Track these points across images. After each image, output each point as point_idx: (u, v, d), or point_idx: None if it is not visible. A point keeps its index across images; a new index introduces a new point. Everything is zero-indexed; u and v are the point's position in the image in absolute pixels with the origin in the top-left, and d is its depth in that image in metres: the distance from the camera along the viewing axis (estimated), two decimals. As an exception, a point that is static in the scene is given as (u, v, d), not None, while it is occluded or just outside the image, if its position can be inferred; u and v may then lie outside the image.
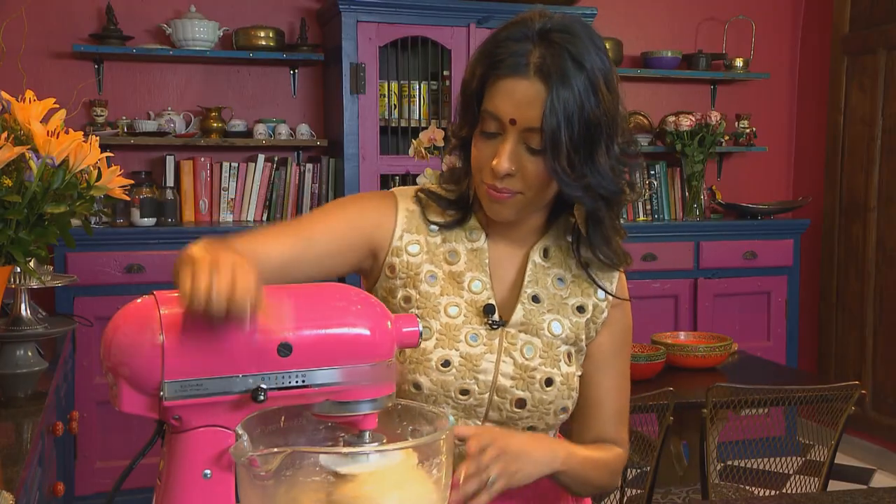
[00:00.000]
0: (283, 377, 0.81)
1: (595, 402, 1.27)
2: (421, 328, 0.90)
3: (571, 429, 1.30)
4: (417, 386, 1.18)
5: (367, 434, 0.85)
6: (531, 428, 1.21)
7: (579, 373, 1.25)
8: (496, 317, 1.20)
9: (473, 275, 1.22)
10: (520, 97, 1.09)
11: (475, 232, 1.24)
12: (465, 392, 1.18)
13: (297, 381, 0.82)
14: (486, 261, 1.23)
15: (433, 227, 1.23)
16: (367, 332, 0.85)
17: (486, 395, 1.19)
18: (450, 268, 1.22)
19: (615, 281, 1.26)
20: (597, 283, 1.25)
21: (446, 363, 1.17)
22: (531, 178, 1.13)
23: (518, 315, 1.21)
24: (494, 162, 1.11)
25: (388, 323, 0.87)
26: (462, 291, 1.21)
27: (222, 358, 0.79)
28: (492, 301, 1.21)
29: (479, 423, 1.21)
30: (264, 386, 0.80)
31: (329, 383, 0.83)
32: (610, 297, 1.26)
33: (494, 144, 1.13)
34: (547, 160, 1.10)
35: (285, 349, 0.80)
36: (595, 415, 1.27)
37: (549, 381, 1.20)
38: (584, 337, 1.25)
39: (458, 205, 1.22)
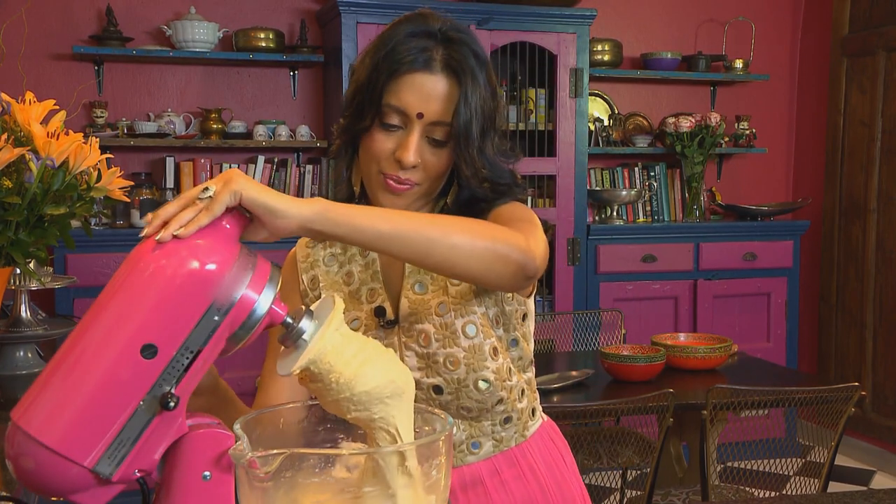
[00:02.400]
0: (171, 369, 0.74)
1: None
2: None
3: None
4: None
5: (304, 316, 0.80)
6: (465, 409, 1.20)
7: (490, 340, 1.20)
8: (389, 316, 1.22)
9: (368, 286, 1.24)
10: (427, 92, 1.13)
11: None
12: None
13: (186, 361, 0.75)
14: (378, 269, 1.25)
15: (327, 260, 1.27)
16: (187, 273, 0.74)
17: None
18: (348, 288, 1.25)
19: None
20: None
21: None
22: (431, 170, 1.16)
23: (404, 308, 1.22)
24: (401, 154, 1.14)
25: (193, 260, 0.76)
26: (361, 305, 1.24)
27: (110, 410, 0.73)
28: (384, 304, 1.22)
29: (418, 418, 1.20)
30: (167, 388, 0.74)
31: (207, 337, 0.75)
32: None
33: (395, 137, 1.15)
34: (457, 153, 1.15)
35: (148, 350, 0.73)
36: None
37: (453, 361, 1.19)
38: (476, 306, 1.20)
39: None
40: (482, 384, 1.20)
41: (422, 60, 1.13)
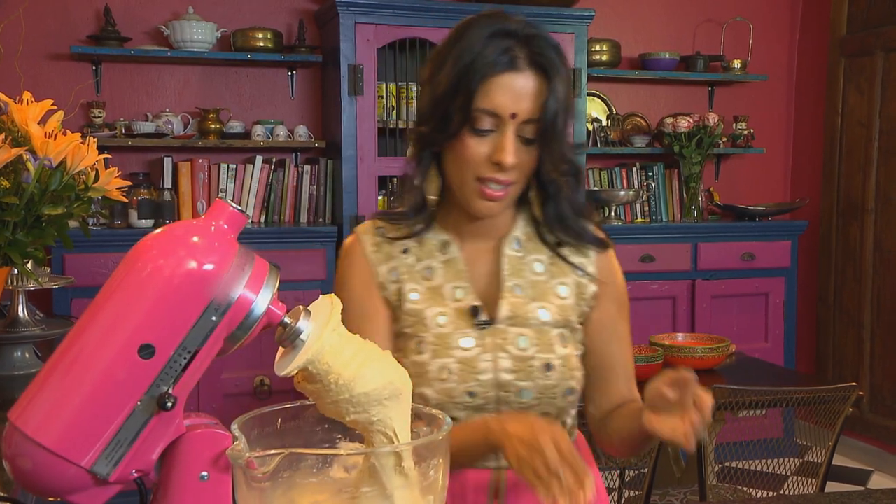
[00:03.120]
0: (169, 369, 0.74)
1: (607, 370, 1.31)
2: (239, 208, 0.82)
3: (590, 399, 1.33)
4: (424, 398, 1.21)
5: (302, 316, 0.80)
6: (545, 414, 1.24)
7: (577, 352, 1.27)
8: (483, 316, 1.23)
9: (453, 284, 1.25)
10: (518, 91, 1.14)
11: (445, 244, 1.26)
12: (471, 394, 1.21)
13: (183, 361, 0.74)
14: (463, 268, 1.25)
15: (404, 251, 1.26)
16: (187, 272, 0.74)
17: (492, 393, 1.22)
18: (428, 284, 1.25)
19: (592, 255, 1.30)
20: (569, 262, 1.28)
21: (445, 371, 1.20)
22: (525, 167, 1.19)
23: (504, 310, 1.23)
24: (500, 156, 1.15)
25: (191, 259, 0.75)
26: (446, 301, 1.24)
27: (107, 410, 0.72)
28: (476, 303, 1.23)
29: None
30: (165, 389, 0.74)
31: (205, 337, 0.74)
32: (592, 273, 1.29)
33: (488, 140, 1.16)
34: (544, 147, 1.17)
35: (146, 350, 0.73)
36: (611, 381, 1.31)
37: (548, 367, 1.22)
38: (574, 318, 1.27)
39: (416, 215, 1.25)
40: (569, 394, 1.25)
41: (507, 60, 1.14)
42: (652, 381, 1.09)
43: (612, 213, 4.03)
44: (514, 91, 1.14)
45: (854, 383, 2.41)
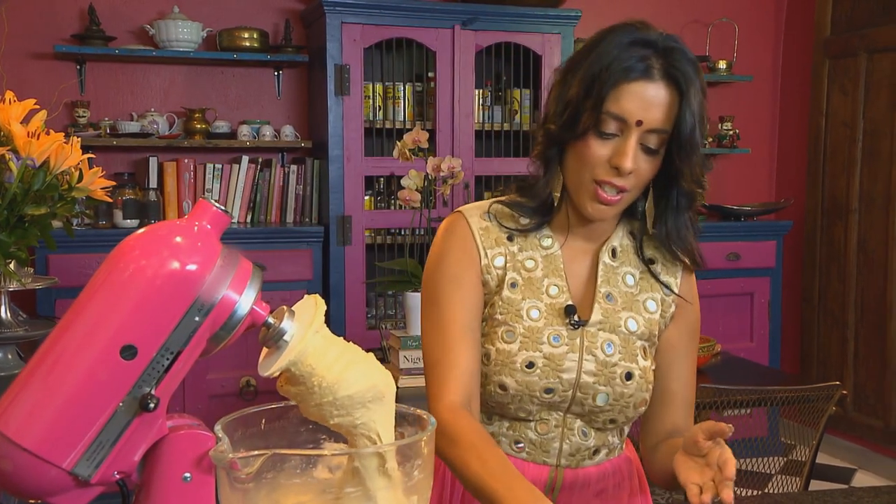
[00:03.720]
0: (151, 370, 0.73)
1: (669, 393, 1.31)
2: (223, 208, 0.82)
3: (646, 422, 1.33)
4: (503, 387, 1.23)
5: (285, 317, 0.80)
6: (612, 421, 1.26)
7: (653, 366, 1.30)
8: (576, 317, 1.25)
9: (550, 280, 1.27)
10: (648, 100, 1.16)
11: (547, 239, 1.28)
12: (549, 391, 1.24)
13: (166, 362, 0.74)
14: (561, 265, 1.28)
15: (509, 238, 1.27)
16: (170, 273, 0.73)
17: (570, 393, 1.24)
18: (528, 274, 1.27)
19: (679, 276, 1.31)
20: (659, 279, 1.30)
21: (530, 364, 1.22)
22: (642, 176, 1.19)
23: (597, 314, 1.26)
24: (619, 161, 1.16)
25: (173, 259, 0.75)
26: (542, 295, 1.26)
27: (89, 411, 0.72)
28: (571, 302, 1.26)
29: (560, 417, 1.26)
30: (147, 390, 0.73)
31: (188, 338, 0.74)
32: (678, 280, 1.31)
33: (611, 144, 1.17)
34: (681, 160, 1.18)
35: (128, 351, 0.72)
36: (669, 406, 1.31)
37: (629, 376, 1.25)
38: (656, 332, 1.30)
39: (539, 212, 1.26)
40: (641, 407, 1.27)
41: (642, 69, 1.16)
42: (698, 424, 1.10)
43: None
44: (644, 99, 1.15)
45: (838, 382, 2.43)
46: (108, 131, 3.52)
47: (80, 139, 1.55)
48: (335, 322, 3.47)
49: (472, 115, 3.67)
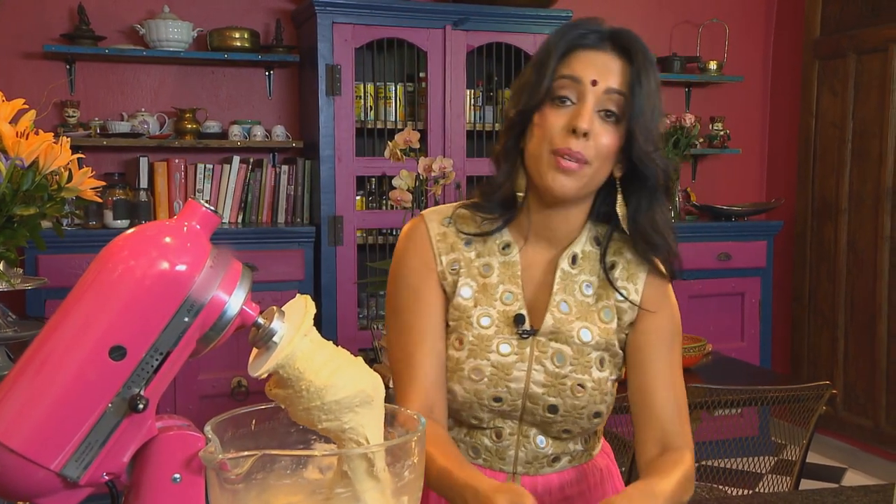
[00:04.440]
0: (141, 370, 0.73)
1: (649, 399, 1.26)
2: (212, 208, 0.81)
3: (635, 431, 1.28)
4: (452, 393, 1.23)
5: (275, 317, 0.79)
6: (566, 431, 1.25)
7: (613, 377, 1.27)
8: (526, 326, 1.23)
9: (505, 287, 1.25)
10: (602, 63, 1.17)
11: (508, 246, 1.27)
12: (497, 399, 1.23)
13: (155, 362, 0.73)
14: (518, 272, 1.26)
15: (466, 243, 1.26)
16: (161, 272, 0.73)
17: (519, 402, 1.23)
18: (484, 280, 1.25)
19: (641, 282, 1.28)
20: (614, 285, 1.27)
21: (478, 372, 1.22)
22: (602, 147, 1.17)
23: (548, 324, 1.24)
24: (575, 121, 1.15)
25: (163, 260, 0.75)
26: (494, 302, 1.24)
27: (78, 412, 0.72)
28: (522, 311, 1.24)
29: (515, 426, 1.25)
30: (136, 390, 0.73)
31: (177, 339, 0.74)
32: (637, 299, 1.27)
33: (568, 112, 1.17)
34: (635, 127, 1.17)
35: (117, 352, 0.72)
36: (652, 410, 1.26)
37: (580, 387, 1.23)
38: (615, 341, 1.26)
39: (500, 209, 1.25)
40: (595, 417, 1.25)
41: (595, 39, 1.18)
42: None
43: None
44: (598, 63, 1.17)
45: (828, 382, 2.44)
46: (98, 131, 3.51)
47: (69, 139, 1.54)
48: (327, 322, 3.47)
49: (463, 116, 3.67)
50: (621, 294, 1.26)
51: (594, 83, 1.16)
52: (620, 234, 1.27)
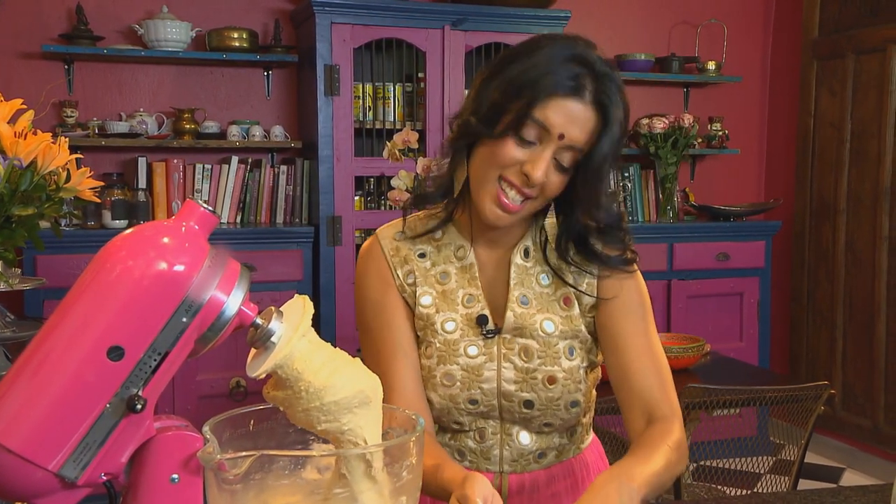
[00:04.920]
0: (139, 371, 0.73)
1: (627, 373, 1.24)
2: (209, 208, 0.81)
3: (625, 421, 1.27)
4: (429, 400, 1.25)
5: (273, 317, 0.79)
6: (547, 425, 1.25)
7: (585, 364, 1.27)
8: (490, 326, 1.24)
9: (465, 290, 1.26)
10: (574, 117, 1.15)
11: (461, 249, 1.28)
12: (473, 402, 1.24)
13: (153, 363, 0.73)
14: (476, 274, 1.27)
15: (420, 255, 1.28)
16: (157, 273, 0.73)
17: (495, 401, 1.24)
18: (442, 287, 1.27)
19: (594, 275, 1.27)
20: (565, 281, 1.27)
21: (450, 377, 1.23)
22: (549, 190, 1.18)
23: (510, 320, 1.25)
24: (531, 169, 1.15)
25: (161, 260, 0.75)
26: (456, 307, 1.26)
27: (76, 413, 0.72)
28: (485, 312, 1.25)
29: (497, 425, 1.26)
30: (134, 391, 0.73)
31: (175, 339, 0.74)
32: (594, 281, 1.27)
33: (527, 152, 1.16)
34: (584, 184, 1.18)
35: (115, 352, 0.72)
36: (633, 383, 1.24)
37: (551, 380, 1.24)
38: (581, 327, 1.26)
39: (437, 199, 1.26)
40: (572, 407, 1.25)
41: (574, 86, 1.15)
42: None
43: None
44: (570, 116, 1.15)
45: (826, 382, 2.44)
46: (96, 131, 3.50)
47: (68, 139, 1.54)
48: (325, 322, 3.47)
49: (462, 116, 3.66)
50: (575, 288, 1.26)
51: (561, 137, 1.15)
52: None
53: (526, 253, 1.28)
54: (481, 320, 1.24)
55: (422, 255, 1.28)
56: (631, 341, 1.25)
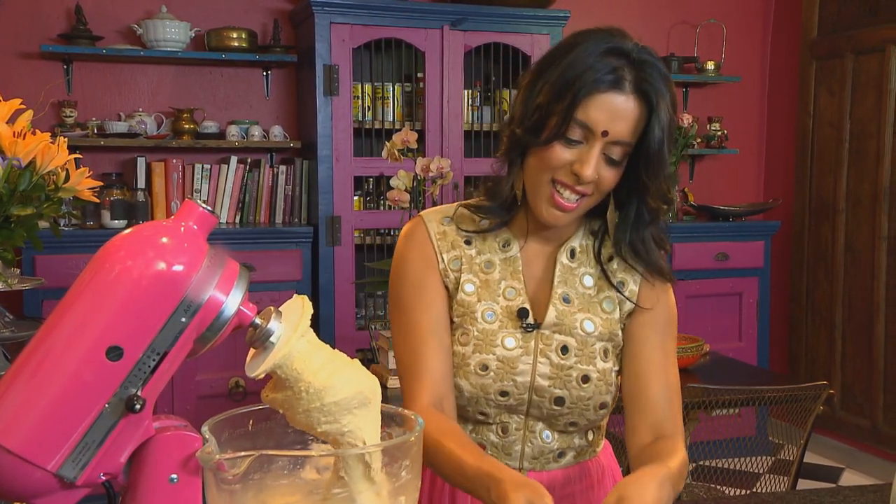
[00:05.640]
0: (138, 371, 0.73)
1: (643, 386, 1.26)
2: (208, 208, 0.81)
3: (627, 422, 1.29)
4: (459, 389, 1.24)
5: (272, 317, 0.79)
6: (572, 423, 1.26)
7: (616, 368, 1.29)
8: (530, 320, 1.25)
9: (508, 282, 1.27)
10: (616, 111, 1.15)
11: (507, 243, 1.29)
12: (504, 394, 1.24)
13: (152, 363, 0.73)
14: (520, 268, 1.28)
15: (466, 242, 1.28)
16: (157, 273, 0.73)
17: (525, 395, 1.25)
18: (486, 276, 1.27)
19: (638, 276, 1.29)
20: (610, 280, 1.29)
21: (484, 367, 1.23)
22: (603, 185, 1.19)
23: (551, 316, 1.25)
24: (580, 168, 1.16)
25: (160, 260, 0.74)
26: (497, 297, 1.26)
27: (74, 412, 0.71)
28: (526, 305, 1.26)
29: (521, 420, 1.26)
30: (133, 391, 0.73)
31: (174, 339, 0.74)
32: (636, 289, 1.29)
33: (575, 151, 1.17)
34: (647, 173, 1.18)
35: (114, 352, 0.72)
36: (647, 398, 1.26)
37: (585, 378, 1.24)
38: (618, 332, 1.28)
39: (500, 211, 1.27)
40: (601, 409, 1.26)
41: (613, 80, 1.15)
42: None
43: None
44: (612, 110, 1.15)
45: (825, 382, 2.44)
46: (95, 131, 3.50)
47: (66, 139, 1.54)
48: (324, 322, 3.47)
49: (461, 116, 3.67)
50: (618, 290, 1.29)
51: (604, 134, 1.16)
52: None
53: (572, 254, 1.29)
54: (522, 313, 1.25)
55: (468, 243, 1.28)
56: (652, 354, 1.27)
